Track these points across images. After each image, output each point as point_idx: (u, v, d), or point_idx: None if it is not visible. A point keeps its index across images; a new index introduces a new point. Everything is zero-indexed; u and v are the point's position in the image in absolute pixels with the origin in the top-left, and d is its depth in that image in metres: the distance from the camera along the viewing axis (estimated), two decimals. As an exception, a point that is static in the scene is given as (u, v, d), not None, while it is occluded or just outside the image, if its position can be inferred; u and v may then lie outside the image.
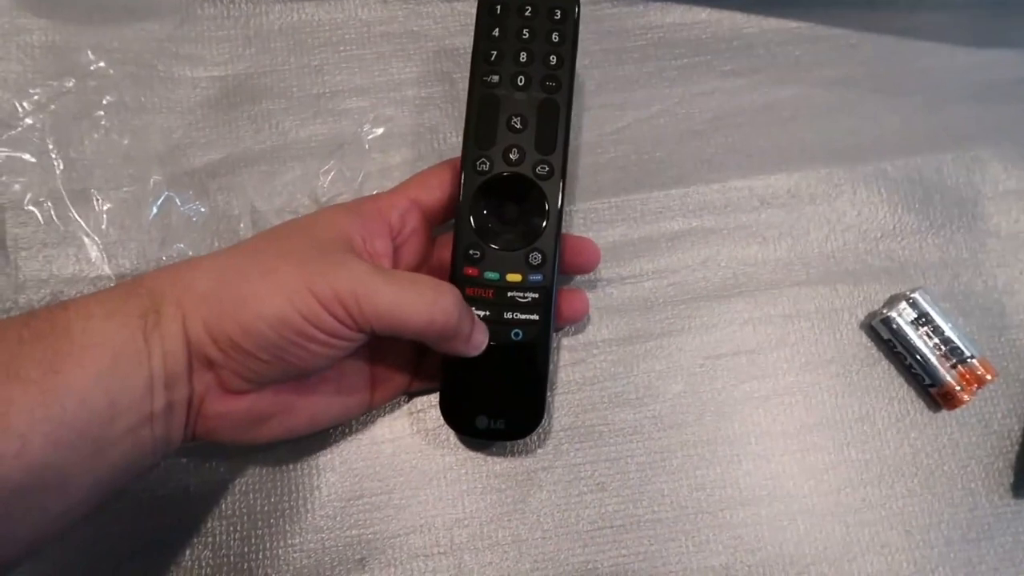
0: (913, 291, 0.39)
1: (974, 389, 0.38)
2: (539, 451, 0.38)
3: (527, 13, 0.35)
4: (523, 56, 0.34)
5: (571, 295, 0.37)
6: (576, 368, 0.39)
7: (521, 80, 0.34)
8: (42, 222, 0.39)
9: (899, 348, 0.39)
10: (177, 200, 0.40)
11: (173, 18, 0.43)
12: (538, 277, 0.34)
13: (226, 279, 0.29)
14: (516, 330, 0.34)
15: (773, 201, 0.42)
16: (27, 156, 0.39)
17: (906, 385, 0.40)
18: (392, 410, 0.38)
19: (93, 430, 0.26)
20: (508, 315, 0.34)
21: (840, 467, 0.39)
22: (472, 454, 0.38)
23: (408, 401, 0.38)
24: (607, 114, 0.43)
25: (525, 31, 0.34)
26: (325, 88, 0.43)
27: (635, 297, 0.40)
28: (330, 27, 0.43)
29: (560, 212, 0.34)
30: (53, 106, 0.40)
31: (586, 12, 0.44)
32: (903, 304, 0.39)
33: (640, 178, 0.42)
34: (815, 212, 0.42)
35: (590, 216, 0.41)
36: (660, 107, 0.43)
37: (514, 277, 0.34)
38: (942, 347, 0.39)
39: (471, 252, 0.34)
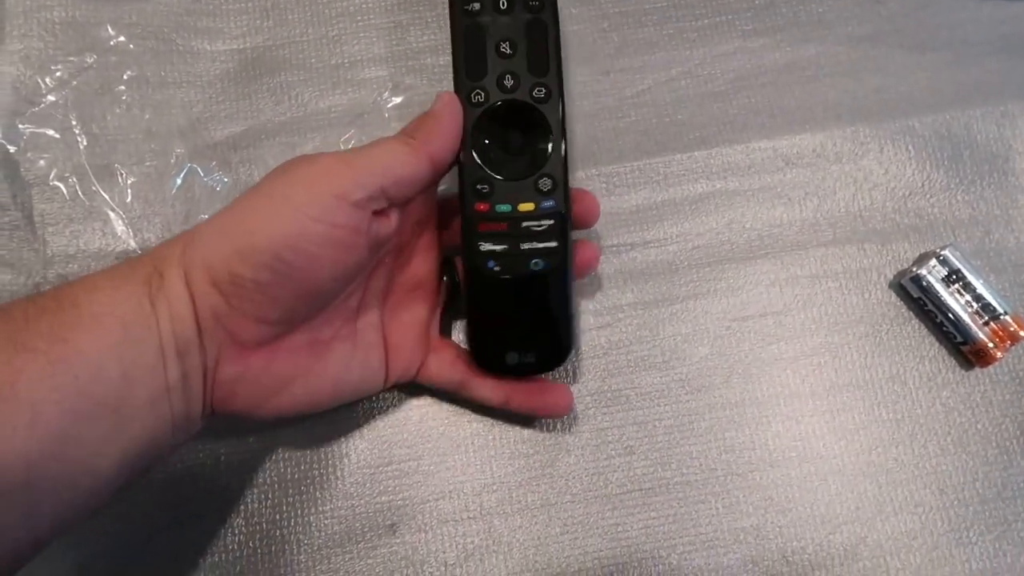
0: (943, 248, 0.39)
1: (1007, 346, 0.38)
2: (566, 416, 0.38)
3: None
4: None
5: (579, 245, 0.36)
6: (602, 332, 0.39)
7: (503, 3, 0.33)
8: (67, 197, 0.39)
9: (929, 306, 0.39)
10: (200, 171, 0.40)
11: (190, -8, 0.43)
12: (550, 203, 0.33)
13: (223, 216, 0.29)
14: (536, 260, 0.33)
15: (798, 161, 0.41)
16: (51, 132, 0.40)
17: (937, 344, 0.39)
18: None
19: (110, 400, 0.26)
20: (525, 246, 0.33)
21: (871, 427, 0.38)
22: (499, 420, 0.38)
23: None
24: (627, 77, 0.42)
25: None
26: (343, 58, 0.42)
27: (660, 261, 0.40)
28: (347, -3, 0.43)
29: (564, 133, 0.33)
30: (75, 82, 0.40)
31: (604, -26, 0.43)
32: (933, 261, 0.38)
33: (662, 141, 0.41)
34: (841, 171, 0.41)
35: (612, 180, 0.41)
36: (681, 69, 0.43)
37: (526, 206, 0.33)
38: (974, 304, 0.38)
39: (479, 187, 0.33)
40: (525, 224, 0.33)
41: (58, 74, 0.40)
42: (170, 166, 0.40)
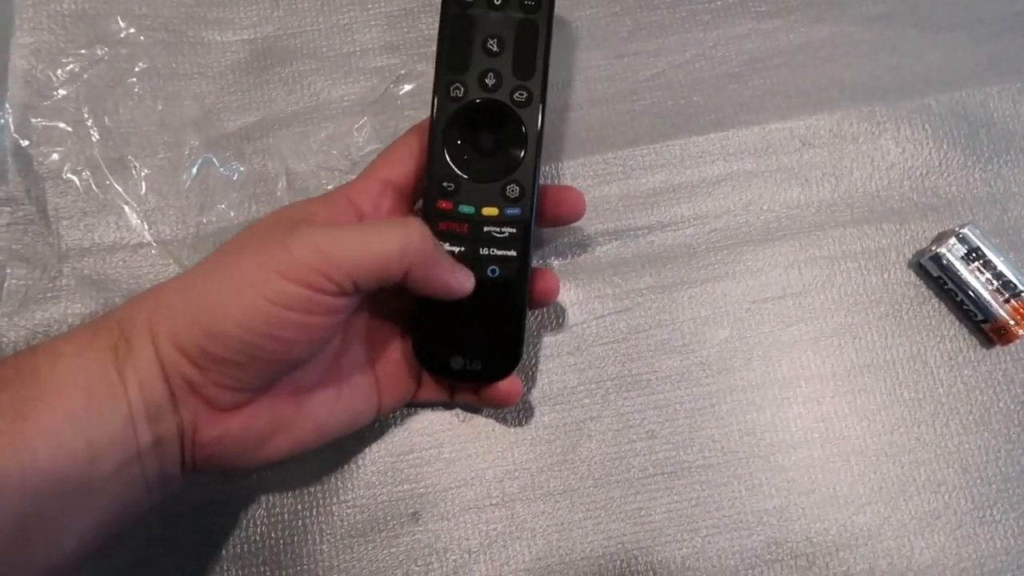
0: (962, 226, 0.38)
1: (1028, 323, 0.38)
2: (587, 401, 0.38)
3: None
4: None
5: (540, 274, 0.35)
6: (621, 317, 0.39)
7: None
8: (81, 191, 0.39)
9: (949, 285, 0.38)
10: (215, 160, 0.39)
11: (199, -18, 0.42)
12: (516, 211, 0.32)
13: (190, 288, 0.28)
14: (492, 267, 0.32)
15: (814, 141, 0.41)
16: (63, 125, 0.39)
17: (957, 322, 0.39)
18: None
19: (73, 474, 0.25)
20: (484, 251, 0.32)
21: (892, 407, 0.38)
22: (520, 406, 0.38)
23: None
24: (641, 61, 0.42)
25: None
26: (355, 47, 0.42)
27: (677, 244, 0.40)
28: (357, -16, 0.43)
29: (540, 141, 0.32)
30: (86, 75, 0.40)
31: (616, -42, 0.43)
32: (952, 240, 0.38)
33: (678, 123, 0.41)
34: (858, 151, 0.41)
35: (628, 163, 0.41)
36: (695, 51, 0.42)
37: (490, 211, 0.32)
38: (994, 282, 0.38)
39: (444, 184, 0.32)
40: (487, 229, 0.32)
41: (69, 67, 0.40)
42: (184, 158, 0.40)
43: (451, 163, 0.32)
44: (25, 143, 0.39)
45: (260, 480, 0.36)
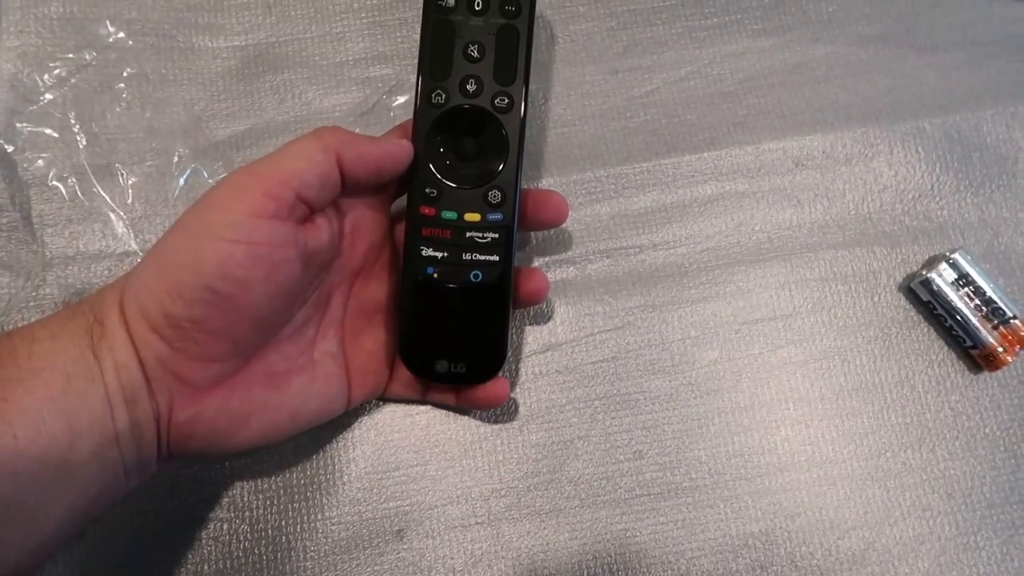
0: (953, 251, 0.38)
1: (1016, 350, 0.38)
2: (575, 420, 0.38)
3: None
4: None
5: (527, 273, 0.35)
6: (611, 335, 0.39)
7: (478, 4, 0.32)
8: (67, 198, 0.39)
9: (939, 310, 0.38)
10: (204, 172, 0.39)
11: (191, -13, 0.42)
12: (498, 216, 0.32)
13: (150, 257, 0.28)
14: (475, 271, 0.33)
15: (808, 162, 0.41)
16: (49, 131, 0.39)
17: (946, 347, 0.39)
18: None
19: (52, 457, 0.25)
20: (467, 256, 0.33)
21: (880, 431, 0.38)
22: (507, 424, 0.38)
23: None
24: (636, 77, 0.42)
25: None
26: (348, 56, 0.42)
27: (668, 263, 0.40)
28: (351, -7, 0.42)
29: (521, 147, 0.32)
30: (74, 80, 0.40)
31: (613, -28, 0.43)
32: (943, 265, 0.38)
33: (671, 142, 0.41)
34: (851, 173, 0.41)
35: (621, 181, 0.40)
36: (690, 68, 0.42)
37: (472, 216, 0.32)
38: (983, 308, 0.38)
39: (427, 190, 0.32)
40: (469, 234, 0.33)
41: (56, 71, 0.40)
42: (172, 166, 0.39)
43: (433, 169, 0.33)
44: (10, 148, 0.38)
45: (243, 495, 0.36)
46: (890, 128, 0.41)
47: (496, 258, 0.33)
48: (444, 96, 0.32)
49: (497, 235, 0.33)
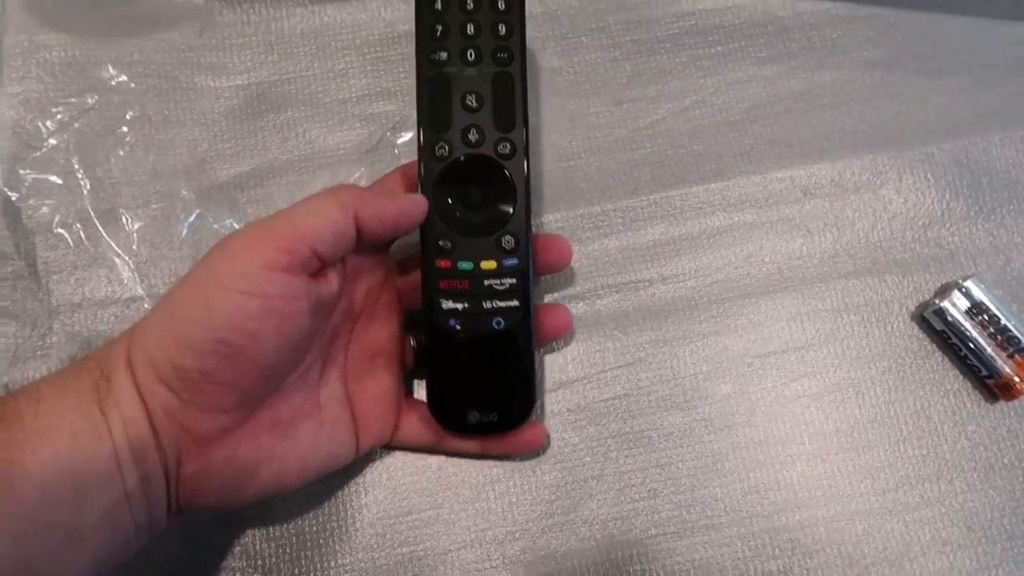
0: (965, 279, 0.38)
1: (1033, 379, 0.37)
2: (588, 459, 0.37)
3: None
4: (470, 28, 0.33)
5: (550, 309, 0.36)
6: (622, 372, 0.38)
7: (471, 54, 0.33)
8: (72, 244, 0.38)
9: (953, 339, 0.38)
10: (210, 218, 0.39)
11: (192, 26, 0.42)
12: (513, 261, 0.33)
13: (158, 310, 0.28)
14: (497, 319, 0.33)
15: (816, 191, 0.41)
16: (53, 178, 0.39)
17: (961, 377, 0.39)
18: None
19: (61, 520, 0.25)
20: (487, 304, 0.33)
21: (896, 464, 0.38)
22: (520, 464, 0.37)
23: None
24: (641, 107, 0.42)
25: (469, 1, 0.33)
26: (351, 92, 0.41)
27: (679, 297, 0.39)
28: (353, 29, 0.42)
29: (528, 191, 0.33)
30: (77, 124, 0.39)
31: (614, 1, 0.43)
32: (956, 293, 0.38)
33: (678, 173, 0.41)
34: (860, 201, 0.41)
35: (628, 215, 0.40)
36: (695, 98, 0.42)
37: (488, 264, 0.32)
38: (998, 336, 0.38)
39: (440, 243, 0.32)
40: (487, 282, 0.33)
41: (59, 116, 0.39)
42: (177, 209, 0.39)
43: (444, 221, 0.33)
44: (14, 196, 0.38)
45: (256, 543, 0.36)
46: (898, 154, 0.41)
47: (516, 303, 0.33)
48: (447, 148, 0.33)
49: (514, 280, 0.33)
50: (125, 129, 0.40)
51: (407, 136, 0.41)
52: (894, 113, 0.42)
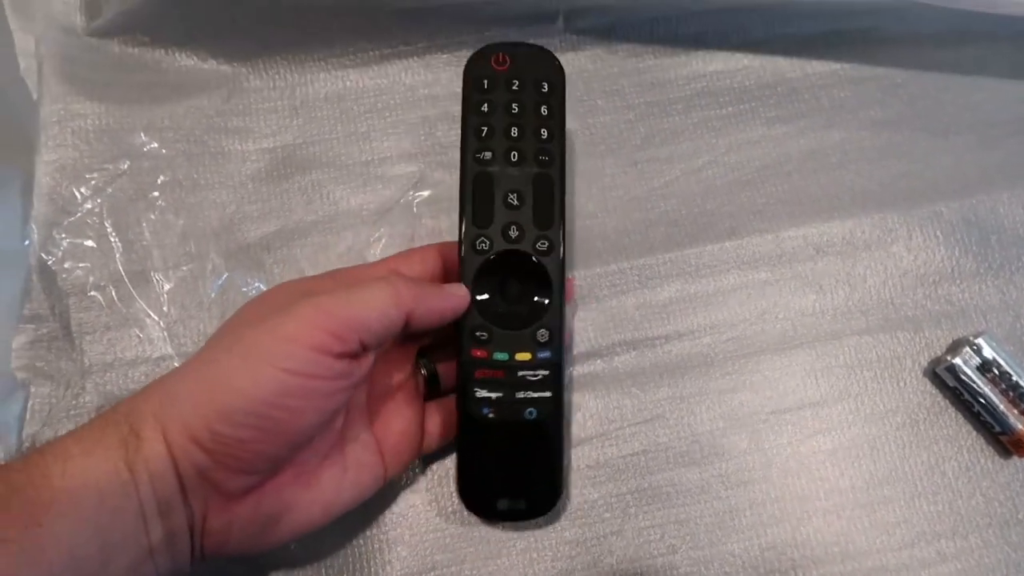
0: (977, 336, 0.39)
1: (1046, 435, 0.38)
2: (607, 515, 0.38)
3: (514, 87, 0.34)
4: (514, 131, 0.34)
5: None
6: (640, 428, 0.39)
7: (514, 156, 0.34)
8: (104, 305, 0.40)
9: (966, 396, 0.39)
10: (237, 281, 0.40)
11: (221, 92, 0.43)
12: (547, 354, 0.33)
13: (196, 371, 0.29)
14: (530, 409, 0.34)
15: (828, 249, 0.41)
16: (88, 242, 0.40)
17: (975, 432, 0.39)
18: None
19: None
20: (520, 394, 0.33)
21: (912, 520, 0.38)
22: (540, 520, 0.38)
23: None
24: (655, 167, 0.43)
25: (514, 106, 0.34)
26: (373, 155, 0.43)
27: (694, 354, 0.40)
28: (375, 93, 0.44)
29: (563, 286, 0.34)
30: (110, 189, 0.41)
31: (628, 64, 0.44)
32: (967, 350, 0.39)
33: (692, 232, 0.42)
34: (871, 258, 0.41)
35: (644, 272, 0.41)
36: (708, 158, 0.43)
37: (523, 355, 0.33)
38: (1010, 393, 0.38)
39: (478, 334, 0.33)
40: (521, 373, 0.33)
41: (93, 182, 0.41)
42: (206, 271, 0.40)
43: (482, 313, 0.33)
44: (50, 260, 0.39)
45: (281, 600, 0.36)
46: (907, 213, 0.42)
47: (549, 394, 0.34)
48: (488, 243, 0.33)
49: (548, 372, 0.33)
50: (156, 193, 0.41)
51: (425, 194, 0.42)
52: (902, 172, 0.43)
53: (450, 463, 0.38)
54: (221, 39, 0.43)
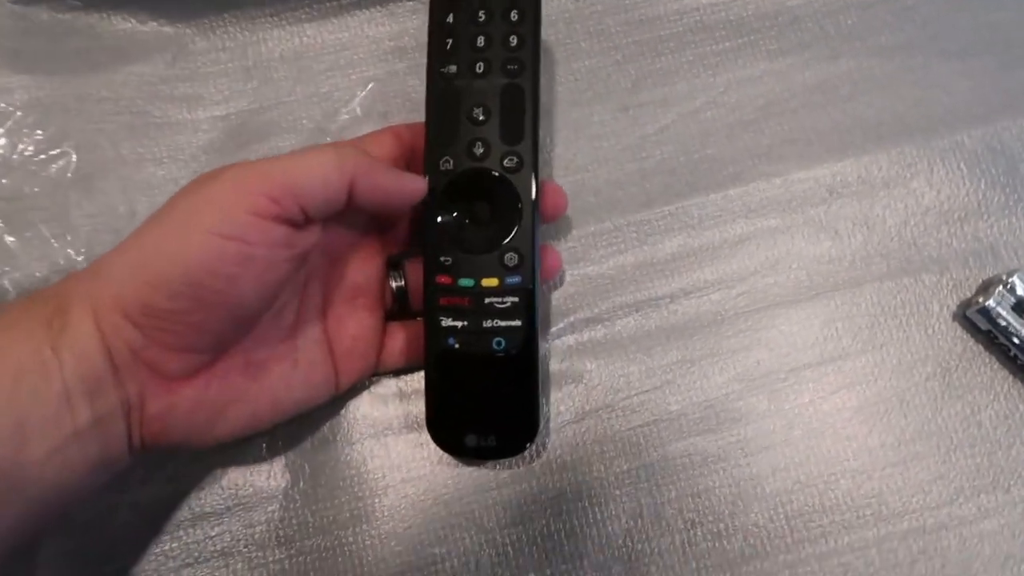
0: (1010, 274, 0.36)
1: (1088, 376, 0.35)
2: (617, 493, 0.35)
3: None
4: (480, 40, 0.32)
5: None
6: (649, 396, 0.36)
7: (480, 67, 0.32)
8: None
9: (1000, 339, 0.36)
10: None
11: (164, 56, 0.39)
12: (516, 279, 0.31)
13: (129, 246, 0.27)
14: (498, 339, 0.31)
15: (842, 190, 0.38)
16: (9, 238, 0.36)
17: (1011, 378, 0.36)
18: (454, 465, 0.35)
19: (1, 457, 0.24)
20: (488, 323, 0.31)
21: (949, 476, 0.35)
22: (545, 501, 0.35)
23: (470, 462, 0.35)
24: (647, 112, 0.39)
25: (481, 13, 0.32)
26: (338, 117, 0.39)
27: (703, 312, 0.37)
28: (336, 49, 0.40)
29: (535, 206, 0.32)
30: (44, 172, 0.37)
31: (613, 1, 0.40)
32: (1000, 290, 0.35)
33: (693, 181, 0.38)
34: (889, 197, 0.38)
35: (643, 228, 0.38)
36: (705, 99, 0.39)
37: (490, 281, 0.31)
38: (1048, 332, 0.35)
39: (442, 259, 0.32)
40: (488, 300, 0.31)
41: (24, 164, 0.37)
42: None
43: (447, 237, 0.32)
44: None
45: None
46: (926, 145, 0.39)
47: (518, 323, 0.31)
48: (452, 162, 0.32)
49: (517, 299, 0.31)
50: (96, 173, 0.37)
51: (401, 158, 0.38)
52: (918, 100, 0.39)
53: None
54: (160, -3, 0.39)
